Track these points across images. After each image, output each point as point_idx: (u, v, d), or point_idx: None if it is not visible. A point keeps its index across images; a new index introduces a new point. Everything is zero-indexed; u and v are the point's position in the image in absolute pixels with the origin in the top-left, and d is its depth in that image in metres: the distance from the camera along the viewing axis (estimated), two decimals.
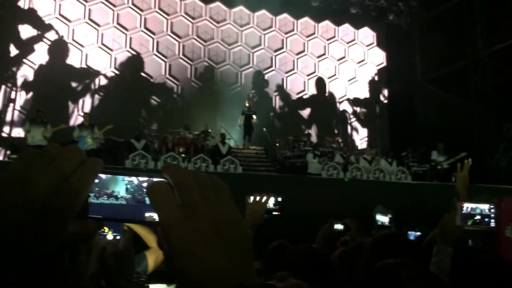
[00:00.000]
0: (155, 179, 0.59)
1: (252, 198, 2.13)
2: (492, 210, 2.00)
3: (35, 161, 0.53)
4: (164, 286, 2.39)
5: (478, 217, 2.00)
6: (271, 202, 2.33)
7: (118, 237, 1.75)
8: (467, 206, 2.02)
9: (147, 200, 0.69)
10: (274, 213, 2.37)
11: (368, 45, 17.38)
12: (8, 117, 12.39)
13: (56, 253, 0.54)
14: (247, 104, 13.17)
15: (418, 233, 3.54)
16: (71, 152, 0.55)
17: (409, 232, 3.66)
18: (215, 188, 0.53)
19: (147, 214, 0.68)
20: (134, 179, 0.68)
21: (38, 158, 0.54)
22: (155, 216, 0.68)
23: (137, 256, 2.89)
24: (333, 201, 8.25)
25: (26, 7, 13.03)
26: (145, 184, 0.68)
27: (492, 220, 1.99)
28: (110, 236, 1.90)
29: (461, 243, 1.99)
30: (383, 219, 3.96)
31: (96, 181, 0.65)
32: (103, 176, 0.67)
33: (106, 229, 1.90)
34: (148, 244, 3.08)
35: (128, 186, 0.68)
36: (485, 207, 2.03)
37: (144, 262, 2.57)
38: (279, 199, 2.40)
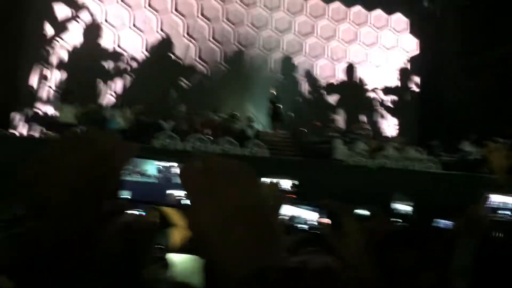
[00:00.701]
0: (186, 163, 0.61)
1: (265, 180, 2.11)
2: None
3: (75, 142, 0.57)
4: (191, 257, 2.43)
5: (506, 211, 1.96)
6: (287, 184, 2.31)
7: (142, 214, 1.77)
8: (495, 200, 1.98)
9: (175, 179, 0.72)
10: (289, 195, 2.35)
11: (400, 31, 16.95)
12: (43, 95, 12.73)
13: (89, 230, 0.57)
14: (273, 92, 13.08)
15: (448, 222, 3.47)
16: (109, 136, 0.59)
17: (439, 221, 3.60)
18: (243, 174, 0.55)
19: (172, 192, 0.71)
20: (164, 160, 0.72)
21: (78, 140, 0.58)
22: (181, 195, 0.71)
23: (162, 232, 2.97)
24: (359, 188, 8.19)
25: None
26: (175, 165, 0.71)
27: None
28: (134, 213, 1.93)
29: (487, 236, 1.96)
30: (403, 207, 3.88)
31: None
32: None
33: None
34: (173, 222, 3.15)
35: (160, 166, 0.71)
36: None
37: (168, 239, 2.61)
38: (295, 182, 2.38)
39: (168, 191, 0.71)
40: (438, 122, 15.05)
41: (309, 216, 1.10)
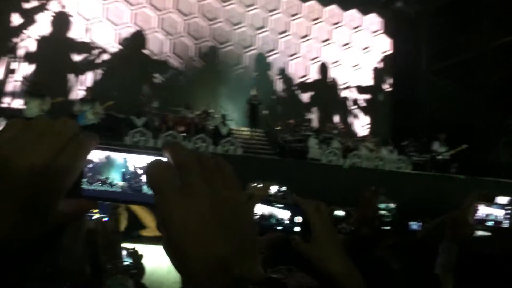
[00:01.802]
0: (153, 158, 0.54)
1: (253, 185, 2.06)
2: (508, 216, 1.93)
3: (23, 133, 0.48)
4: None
5: (491, 222, 1.94)
6: (274, 190, 2.25)
7: (105, 219, 1.68)
8: (482, 212, 1.95)
9: (144, 189, 0.64)
10: None
11: (374, 32, 17.17)
12: (9, 88, 12.29)
13: (44, 234, 0.49)
14: (252, 93, 12.82)
15: (420, 224, 3.49)
16: (63, 126, 0.50)
17: (411, 223, 3.61)
18: (219, 171, 0.48)
19: (140, 191, 0.63)
20: (131, 166, 0.63)
21: (26, 130, 0.49)
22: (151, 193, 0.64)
23: (133, 234, 2.88)
24: (332, 187, 8.24)
25: None
26: (141, 172, 0.63)
27: (506, 221, 1.93)
28: (96, 217, 1.82)
29: (470, 242, 1.94)
30: (384, 209, 3.87)
31: (90, 165, 0.61)
32: (97, 160, 0.62)
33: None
34: (145, 224, 3.06)
35: (124, 173, 0.63)
36: (500, 213, 1.95)
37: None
38: (283, 188, 2.33)
39: (135, 191, 0.63)
40: (410, 122, 15.35)
41: (282, 215, 1.04)
